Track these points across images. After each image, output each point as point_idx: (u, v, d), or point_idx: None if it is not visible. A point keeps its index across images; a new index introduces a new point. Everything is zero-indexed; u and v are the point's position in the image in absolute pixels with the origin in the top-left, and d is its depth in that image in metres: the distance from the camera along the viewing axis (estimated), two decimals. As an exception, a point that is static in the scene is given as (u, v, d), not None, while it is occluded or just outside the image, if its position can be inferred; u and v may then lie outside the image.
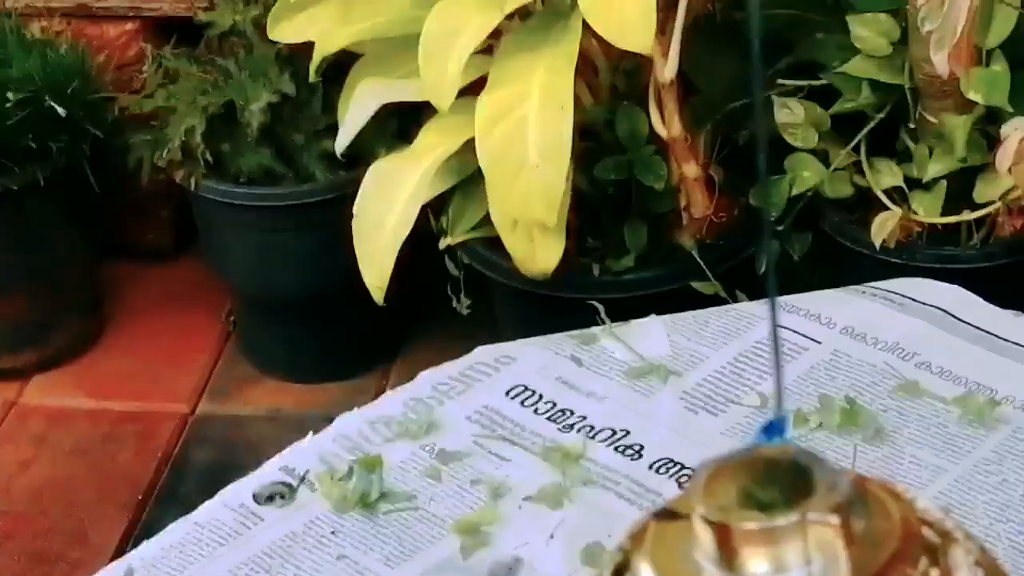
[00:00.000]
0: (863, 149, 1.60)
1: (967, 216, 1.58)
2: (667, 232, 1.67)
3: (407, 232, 1.58)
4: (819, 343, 1.11)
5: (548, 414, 1.07)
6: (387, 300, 1.60)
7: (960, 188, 1.57)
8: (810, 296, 1.15)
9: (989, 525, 0.95)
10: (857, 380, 1.07)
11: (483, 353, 1.13)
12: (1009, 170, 1.50)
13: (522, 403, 1.08)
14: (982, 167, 1.56)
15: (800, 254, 1.62)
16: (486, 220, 1.60)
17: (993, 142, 1.53)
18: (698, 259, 1.62)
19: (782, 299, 1.13)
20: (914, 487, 0.98)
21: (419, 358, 1.80)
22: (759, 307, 1.16)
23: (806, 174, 1.59)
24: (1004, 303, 1.15)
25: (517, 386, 1.10)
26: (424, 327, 2.00)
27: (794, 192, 1.58)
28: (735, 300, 1.44)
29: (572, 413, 1.07)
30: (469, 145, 1.53)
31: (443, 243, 1.68)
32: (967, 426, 1.03)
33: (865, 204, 1.61)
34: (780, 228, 1.60)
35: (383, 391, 1.12)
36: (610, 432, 1.05)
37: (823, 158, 1.60)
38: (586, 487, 1.01)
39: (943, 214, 1.57)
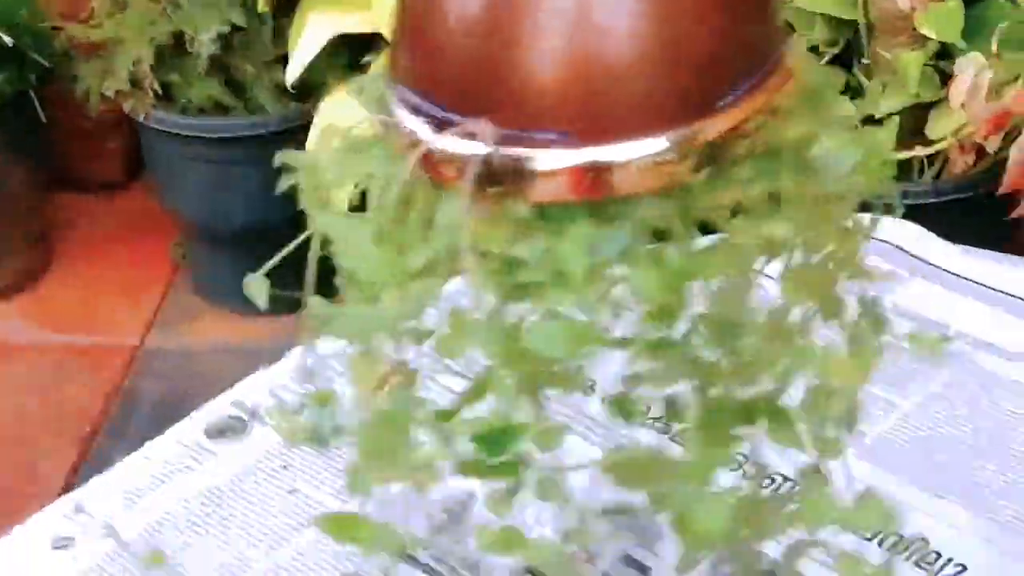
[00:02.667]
0: (816, 84, 1.60)
1: (920, 152, 1.58)
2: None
3: (362, 167, 1.57)
4: (772, 279, 1.11)
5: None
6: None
7: (913, 124, 1.57)
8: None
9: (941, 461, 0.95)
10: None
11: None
12: (962, 106, 1.50)
13: (474, 337, 1.08)
14: (935, 103, 1.56)
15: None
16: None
17: (946, 78, 1.54)
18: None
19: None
20: (865, 422, 0.98)
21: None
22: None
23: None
24: (956, 239, 1.15)
25: (470, 320, 1.10)
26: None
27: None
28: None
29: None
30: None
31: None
32: (919, 362, 1.03)
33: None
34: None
35: (335, 325, 1.11)
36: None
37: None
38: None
39: (896, 150, 1.58)
